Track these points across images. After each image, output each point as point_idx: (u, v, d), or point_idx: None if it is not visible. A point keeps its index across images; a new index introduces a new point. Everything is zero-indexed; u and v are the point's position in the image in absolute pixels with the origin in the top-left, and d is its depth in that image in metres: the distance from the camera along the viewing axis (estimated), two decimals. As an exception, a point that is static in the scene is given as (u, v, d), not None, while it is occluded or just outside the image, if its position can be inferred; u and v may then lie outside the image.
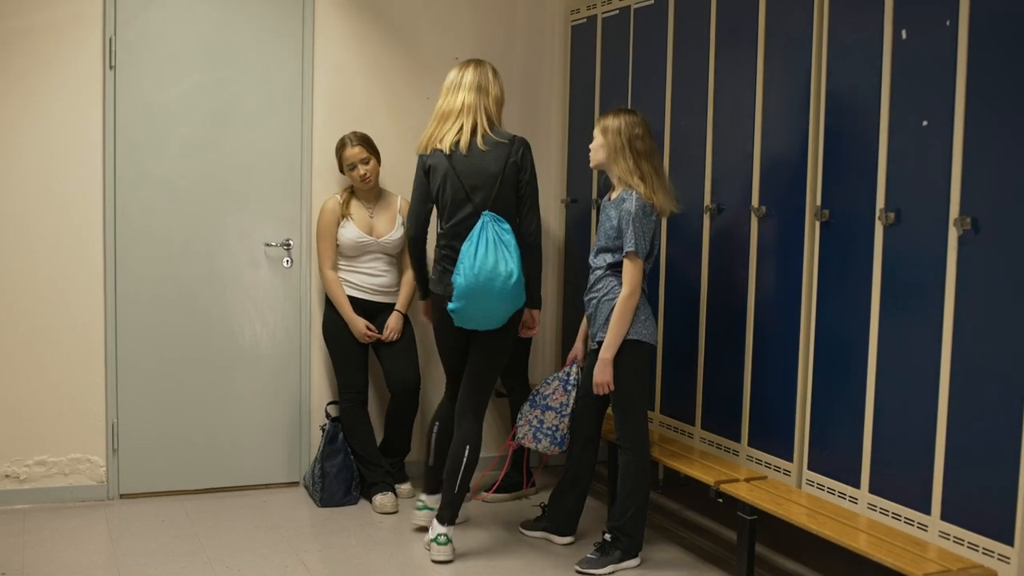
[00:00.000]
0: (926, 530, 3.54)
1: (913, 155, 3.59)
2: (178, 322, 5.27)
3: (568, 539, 4.73)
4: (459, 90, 4.53)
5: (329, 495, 5.19)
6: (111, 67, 5.06)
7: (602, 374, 4.33)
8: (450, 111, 4.52)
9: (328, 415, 5.38)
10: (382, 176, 5.36)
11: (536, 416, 4.74)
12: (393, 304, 5.32)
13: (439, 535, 4.51)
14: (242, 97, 5.31)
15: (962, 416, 3.42)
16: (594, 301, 4.40)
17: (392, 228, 5.29)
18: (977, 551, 3.35)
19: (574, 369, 4.72)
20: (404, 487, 5.37)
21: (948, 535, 3.46)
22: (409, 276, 5.37)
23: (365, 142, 5.24)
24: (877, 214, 3.71)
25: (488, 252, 4.30)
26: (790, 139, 4.14)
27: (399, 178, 5.45)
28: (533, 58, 5.85)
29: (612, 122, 4.33)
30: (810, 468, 4.09)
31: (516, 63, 5.81)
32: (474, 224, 4.39)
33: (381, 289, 5.30)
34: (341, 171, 5.30)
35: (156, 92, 5.16)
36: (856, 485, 3.85)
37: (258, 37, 5.32)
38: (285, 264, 5.42)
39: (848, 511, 3.85)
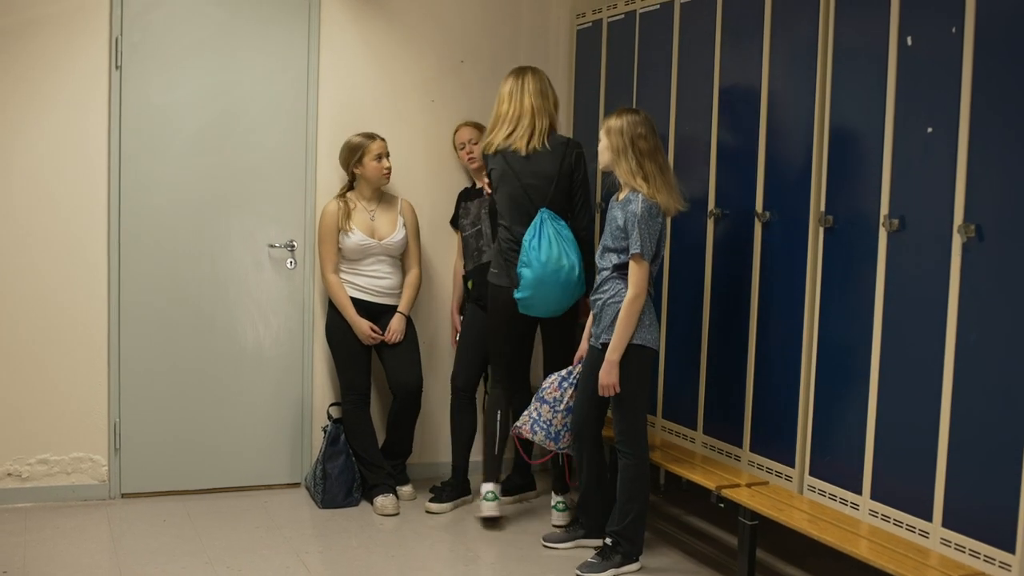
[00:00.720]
0: (927, 537, 3.54)
1: (918, 162, 3.59)
2: (181, 322, 5.28)
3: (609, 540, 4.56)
4: (523, 95, 4.84)
5: (330, 496, 5.19)
6: (117, 67, 5.07)
7: (609, 375, 4.30)
8: (514, 115, 4.83)
9: (330, 416, 5.38)
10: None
11: (536, 408, 4.71)
12: (395, 306, 5.33)
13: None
14: (247, 99, 5.32)
15: (964, 423, 3.42)
16: (599, 302, 4.38)
17: (393, 230, 5.30)
18: (979, 558, 3.35)
19: (577, 368, 4.69)
20: (406, 489, 5.37)
21: (949, 542, 3.46)
22: (412, 278, 5.38)
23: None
24: (881, 220, 3.71)
25: (552, 246, 4.64)
26: (794, 145, 4.14)
27: (404, 180, 5.46)
28: (538, 62, 5.79)
29: (615, 122, 4.33)
30: (812, 474, 4.09)
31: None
32: (531, 221, 4.73)
33: (384, 291, 5.31)
34: (349, 168, 5.28)
35: (162, 93, 5.17)
36: (858, 491, 3.85)
37: (264, 39, 5.33)
38: (289, 266, 5.42)
39: (850, 517, 3.85)
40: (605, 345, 4.32)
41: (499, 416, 5.02)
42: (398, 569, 4.49)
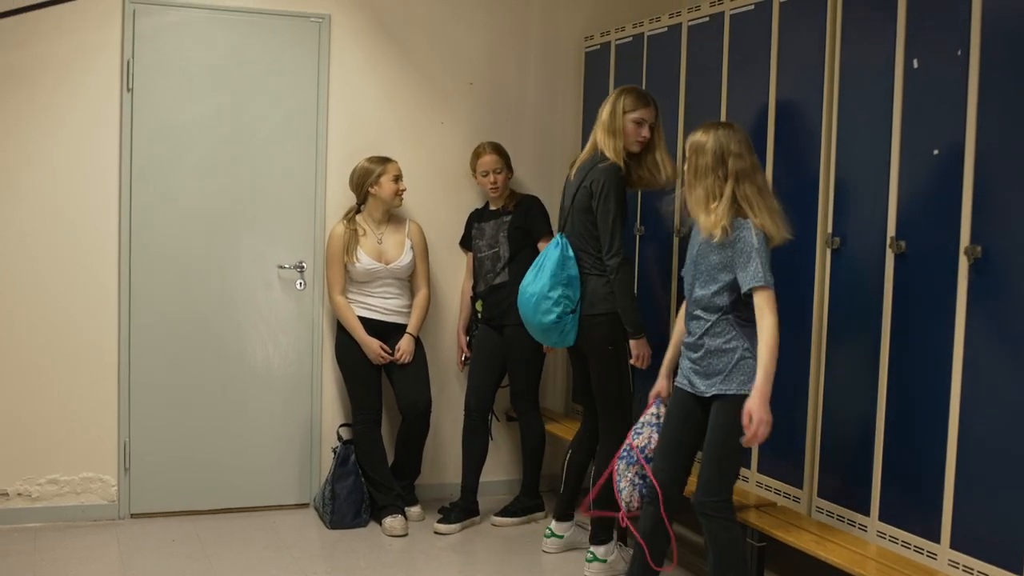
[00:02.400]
0: (935, 558, 3.53)
1: (924, 183, 3.61)
2: (191, 343, 5.30)
3: None
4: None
5: (339, 517, 5.19)
6: (128, 89, 5.11)
7: (760, 410, 3.60)
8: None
9: (340, 437, 5.39)
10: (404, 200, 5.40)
11: (636, 472, 4.10)
12: (404, 325, 5.34)
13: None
14: (257, 120, 5.36)
15: (972, 444, 3.42)
16: (706, 349, 3.82)
17: (401, 253, 5.32)
18: (987, 580, 3.34)
19: (661, 409, 4.16)
20: (414, 510, 5.37)
21: (958, 564, 3.45)
22: (421, 299, 5.40)
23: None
24: (888, 242, 3.72)
25: (532, 270, 4.57)
26: (801, 166, 4.15)
27: (413, 201, 5.49)
28: (547, 85, 5.88)
29: (699, 138, 3.83)
30: (820, 495, 4.08)
31: (530, 90, 5.85)
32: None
33: (393, 310, 5.32)
34: (363, 188, 5.29)
35: (172, 114, 5.21)
36: (866, 513, 3.84)
37: (274, 61, 5.37)
38: (298, 286, 5.45)
39: (858, 539, 3.84)
40: (717, 396, 3.78)
41: (568, 456, 4.90)
42: (406, 590, 4.49)
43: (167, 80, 5.19)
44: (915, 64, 3.63)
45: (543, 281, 4.47)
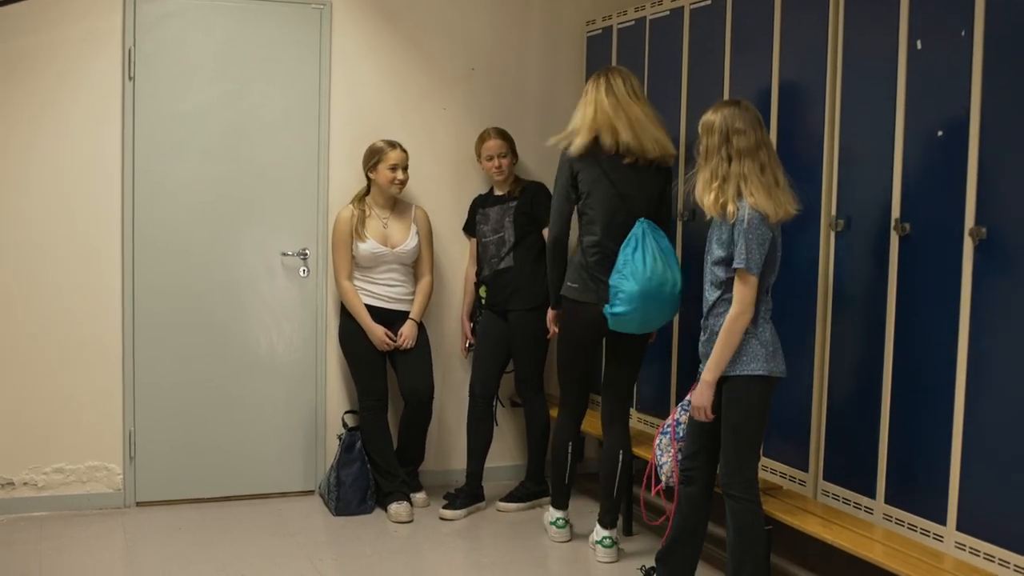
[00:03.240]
0: (942, 540, 3.53)
1: (928, 165, 3.59)
2: (195, 331, 5.30)
3: None
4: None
5: (344, 504, 5.20)
6: (130, 78, 5.10)
7: (701, 397, 3.77)
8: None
9: (345, 424, 5.39)
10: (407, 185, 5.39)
11: (680, 449, 4.12)
12: (408, 312, 5.34)
13: (604, 538, 4.67)
14: (259, 108, 5.35)
15: (978, 426, 3.41)
16: (710, 330, 3.85)
17: (406, 238, 5.31)
18: (993, 562, 3.34)
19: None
20: (419, 496, 5.37)
21: (964, 546, 3.45)
22: (424, 285, 5.39)
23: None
24: (892, 224, 3.71)
25: (657, 260, 4.38)
26: (804, 149, 4.14)
27: (416, 187, 5.48)
28: (549, 69, 5.87)
29: (709, 117, 3.83)
30: (826, 479, 4.08)
31: (532, 75, 5.83)
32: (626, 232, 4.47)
33: (397, 298, 5.32)
34: (366, 171, 5.31)
35: (174, 103, 5.20)
36: (872, 496, 3.84)
37: (275, 48, 5.36)
38: (302, 274, 5.44)
39: (864, 522, 3.84)
40: (724, 379, 3.78)
41: (570, 448, 4.79)
42: (412, 576, 4.50)
43: (169, 68, 5.18)
44: (919, 45, 3.61)
45: (674, 266, 4.45)
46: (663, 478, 4.20)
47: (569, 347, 4.72)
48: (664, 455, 4.19)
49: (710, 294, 3.83)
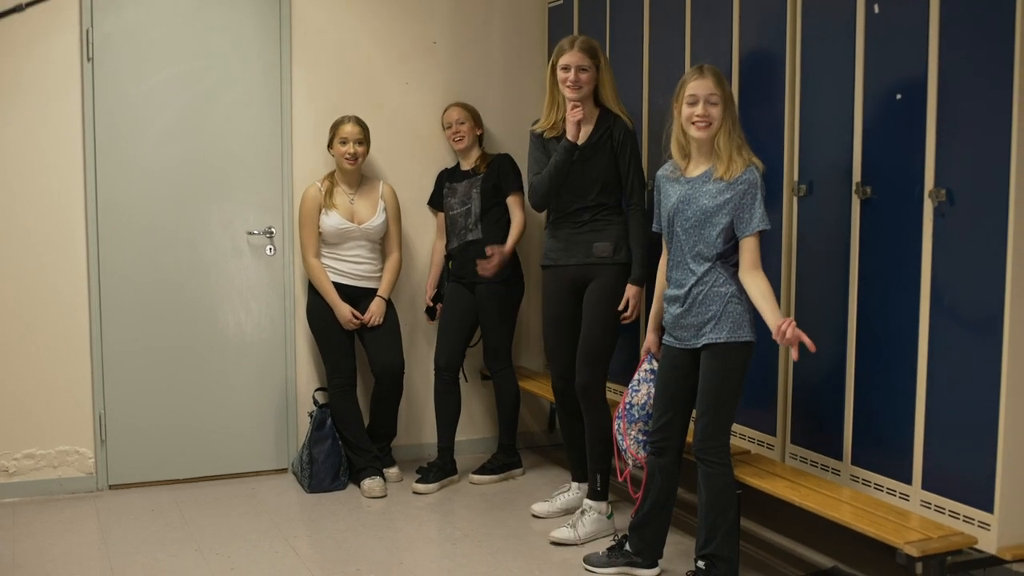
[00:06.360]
0: (908, 500, 3.58)
1: (888, 129, 3.62)
2: (163, 311, 5.28)
3: (657, 570, 4.18)
4: None
5: (317, 481, 5.21)
6: (88, 59, 5.05)
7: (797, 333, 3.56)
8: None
9: (316, 401, 5.39)
10: (367, 160, 5.37)
11: (639, 429, 4.21)
12: (375, 289, 5.33)
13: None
14: (221, 86, 5.31)
15: (941, 386, 3.45)
16: (699, 295, 3.83)
17: (373, 214, 5.30)
18: (958, 519, 3.39)
19: (654, 364, 4.20)
20: (392, 471, 5.39)
21: (929, 504, 3.50)
22: (392, 262, 5.39)
23: (361, 123, 5.30)
24: (854, 188, 3.73)
25: None
26: (766, 115, 4.15)
27: (381, 162, 5.47)
28: (511, 41, 5.85)
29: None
30: (793, 442, 4.12)
31: (494, 47, 5.82)
32: None
33: (364, 275, 5.31)
34: (329, 147, 5.31)
35: (135, 83, 5.15)
36: (839, 457, 3.88)
37: (235, 26, 5.32)
38: (268, 252, 5.43)
39: (831, 483, 3.88)
40: (707, 346, 3.81)
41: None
42: (387, 550, 4.51)
43: (128, 49, 5.14)
44: (876, 9, 3.63)
45: None
46: (629, 462, 4.26)
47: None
48: (624, 439, 4.25)
49: (696, 265, 3.83)
